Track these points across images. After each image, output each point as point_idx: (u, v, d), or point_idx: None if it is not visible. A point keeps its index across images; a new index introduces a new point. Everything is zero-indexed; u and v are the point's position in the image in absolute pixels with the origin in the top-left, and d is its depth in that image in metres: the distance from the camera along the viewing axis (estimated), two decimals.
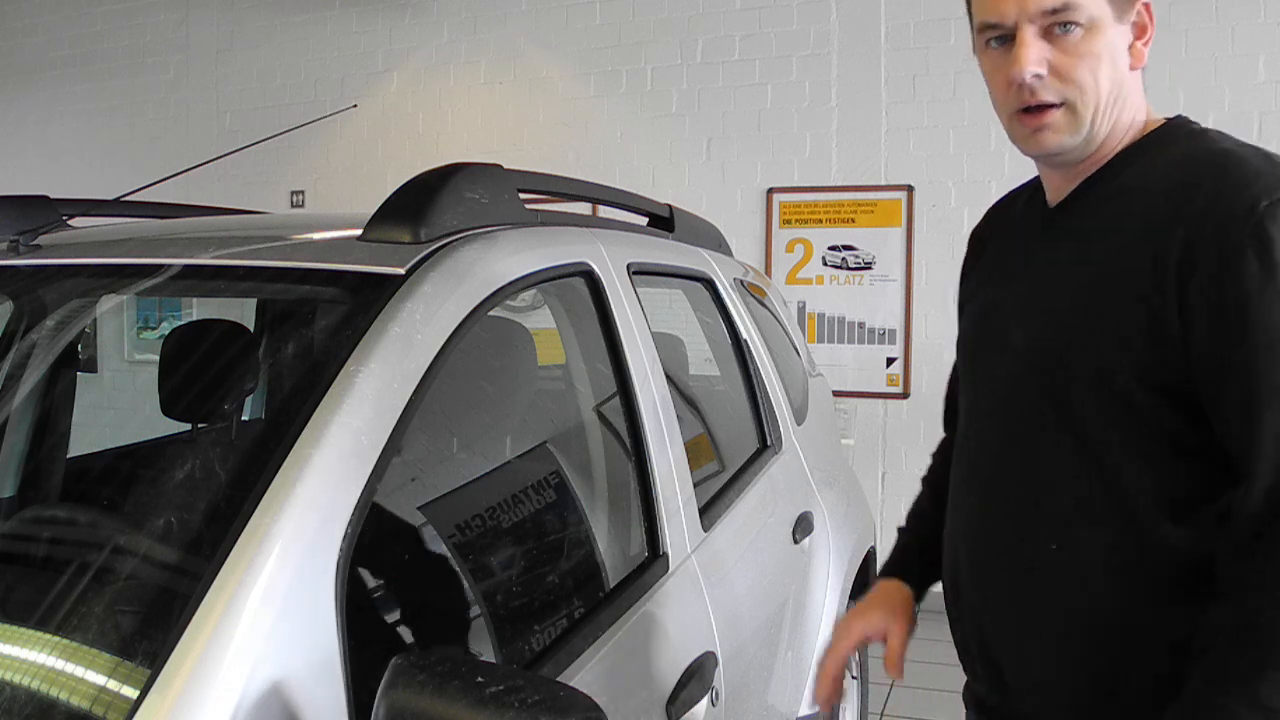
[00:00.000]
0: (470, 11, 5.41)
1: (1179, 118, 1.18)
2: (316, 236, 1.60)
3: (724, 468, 2.20)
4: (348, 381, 1.05)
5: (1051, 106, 1.11)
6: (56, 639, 0.98)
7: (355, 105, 5.40)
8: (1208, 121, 1.21)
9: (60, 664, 0.96)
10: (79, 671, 0.95)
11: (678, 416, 1.78)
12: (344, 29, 5.68)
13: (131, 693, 0.84)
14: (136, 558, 1.08)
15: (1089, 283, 1.11)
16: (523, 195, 1.60)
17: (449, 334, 1.19)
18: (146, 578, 1.04)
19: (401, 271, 1.22)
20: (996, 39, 1.13)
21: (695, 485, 1.78)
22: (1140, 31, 1.13)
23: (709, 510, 1.84)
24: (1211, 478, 1.06)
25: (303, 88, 5.74)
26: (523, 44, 5.33)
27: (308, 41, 5.75)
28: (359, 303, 1.18)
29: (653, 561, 1.55)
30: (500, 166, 1.55)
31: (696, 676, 1.48)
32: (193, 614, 0.86)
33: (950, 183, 4.63)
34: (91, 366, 5.72)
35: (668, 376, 1.80)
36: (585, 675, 1.23)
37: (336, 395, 1.03)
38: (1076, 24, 1.08)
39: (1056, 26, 1.08)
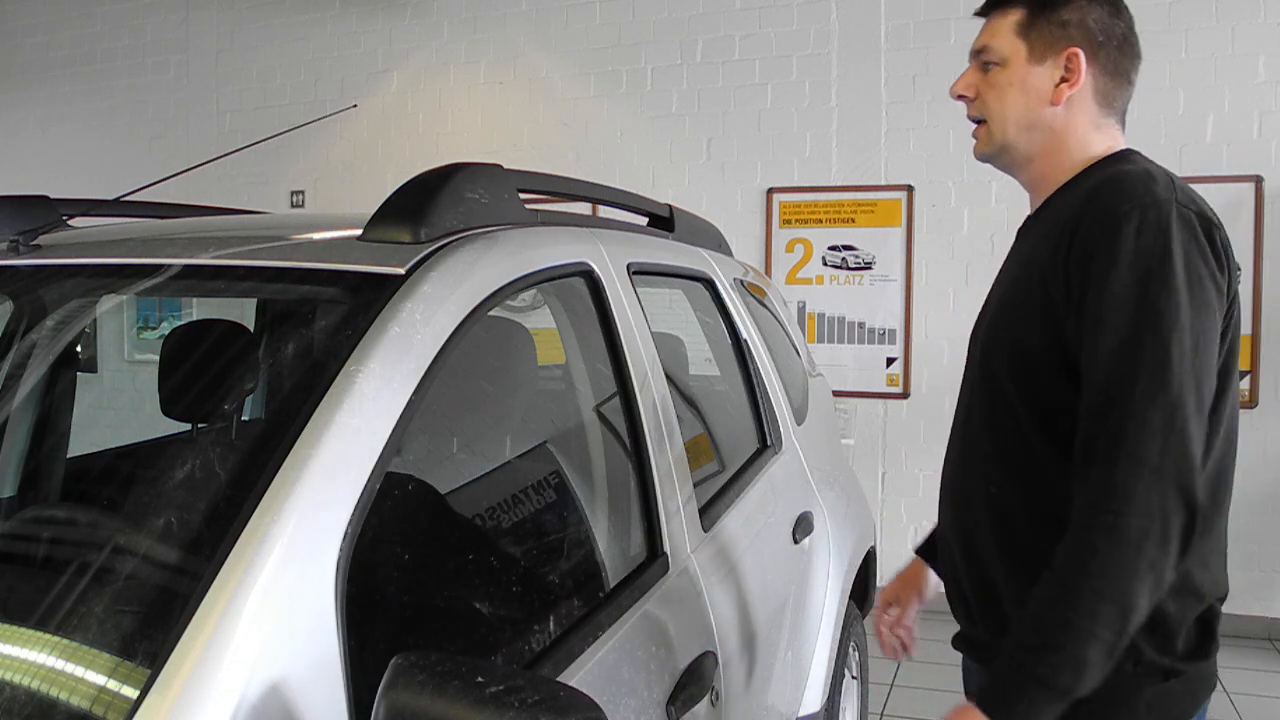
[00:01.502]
0: (470, 11, 5.41)
1: (1125, 150, 1.40)
2: (316, 236, 1.60)
3: (724, 468, 2.20)
4: (348, 381, 1.05)
5: (980, 122, 1.44)
6: (56, 639, 0.97)
7: (355, 105, 5.40)
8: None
9: (60, 664, 0.96)
10: (79, 671, 0.95)
11: (678, 416, 1.78)
12: (344, 29, 5.68)
13: (131, 693, 0.84)
14: (136, 558, 1.08)
15: (1019, 276, 1.38)
16: (523, 195, 1.60)
17: (449, 334, 1.19)
18: (146, 578, 1.04)
19: (401, 271, 1.22)
20: None
21: (695, 485, 1.78)
22: (1068, 75, 1.36)
23: (709, 510, 1.84)
24: None
25: (303, 88, 5.74)
26: (523, 44, 5.33)
27: (308, 41, 5.75)
28: (359, 303, 1.17)
29: (653, 561, 1.55)
30: (500, 166, 1.55)
31: (696, 676, 1.48)
32: (193, 614, 0.86)
33: (950, 183, 4.63)
34: (91, 366, 5.72)
35: (668, 376, 1.80)
36: (585, 675, 1.23)
37: (336, 395, 1.03)
38: (993, 62, 1.40)
39: (986, 64, 1.41)
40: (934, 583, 1.65)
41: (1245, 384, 4.27)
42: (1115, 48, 1.37)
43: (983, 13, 1.44)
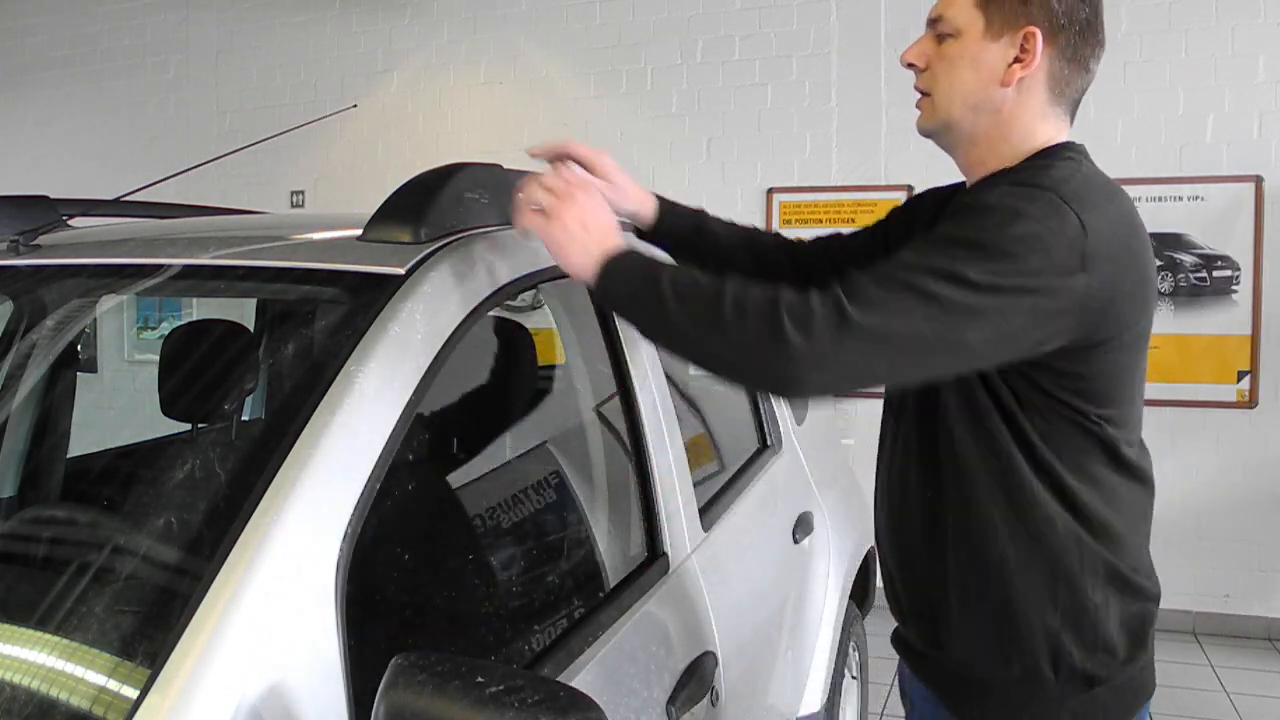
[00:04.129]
0: (470, 11, 5.41)
1: (1058, 145, 1.30)
2: (316, 236, 1.60)
3: (724, 468, 2.20)
4: (348, 381, 1.05)
5: (925, 94, 1.34)
6: (56, 639, 0.98)
7: (355, 105, 5.39)
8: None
9: (60, 664, 0.96)
10: (79, 671, 0.95)
11: (678, 416, 1.78)
12: (344, 29, 5.68)
13: (131, 693, 0.84)
14: (136, 558, 1.08)
15: None
16: None
17: (449, 334, 1.19)
18: (146, 578, 1.04)
19: (401, 271, 1.22)
20: None
21: (695, 485, 1.78)
22: (1022, 55, 1.27)
23: (709, 510, 1.84)
24: (1073, 437, 1.23)
25: (303, 88, 5.74)
26: (523, 44, 5.33)
27: (308, 41, 5.75)
28: (359, 303, 1.17)
29: (653, 561, 1.55)
30: (500, 166, 1.55)
31: (696, 676, 1.48)
32: (193, 614, 0.86)
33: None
34: (91, 366, 5.71)
35: (668, 376, 1.80)
36: (585, 675, 1.23)
37: (336, 395, 1.03)
38: (948, 33, 1.30)
39: (941, 35, 1.31)
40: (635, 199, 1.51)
41: (1245, 384, 4.27)
42: (1077, 32, 1.27)
43: None
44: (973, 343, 1.12)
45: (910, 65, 1.35)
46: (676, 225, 1.56)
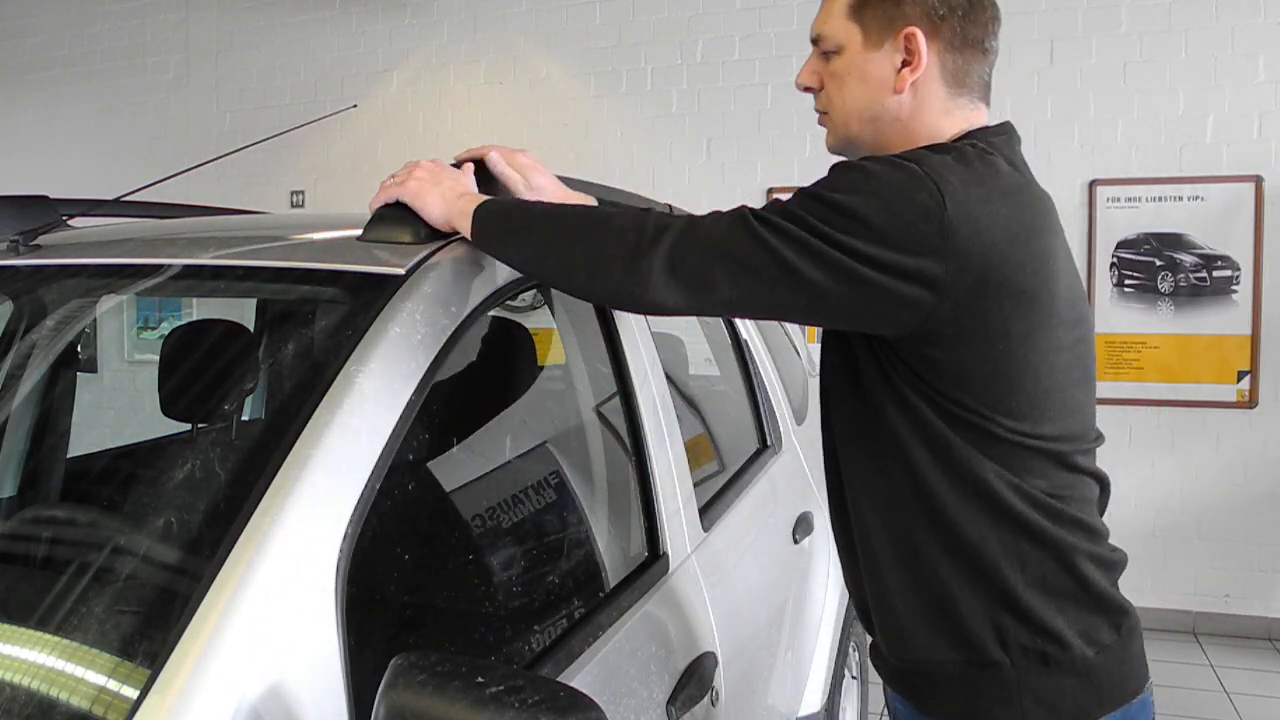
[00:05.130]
0: (470, 11, 5.41)
1: (963, 134, 1.24)
2: (316, 236, 1.60)
3: (724, 468, 2.20)
4: (348, 381, 1.05)
5: (824, 113, 1.34)
6: (56, 639, 0.98)
7: (355, 105, 5.39)
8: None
9: (60, 664, 0.96)
10: (79, 671, 0.95)
11: (678, 416, 1.78)
12: (344, 29, 5.68)
13: (131, 693, 0.84)
14: (136, 558, 1.08)
15: None
16: None
17: (449, 334, 1.19)
18: (146, 578, 1.04)
19: (401, 271, 1.22)
20: None
21: (695, 485, 1.78)
22: (908, 58, 1.22)
23: (709, 510, 1.84)
24: (950, 414, 1.17)
25: (303, 88, 5.74)
26: (523, 44, 5.33)
27: (308, 41, 5.75)
28: (359, 303, 1.17)
29: (653, 561, 1.55)
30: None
31: (696, 676, 1.48)
32: (193, 614, 0.86)
33: None
34: (91, 366, 5.72)
35: (668, 376, 1.80)
36: (585, 675, 1.23)
37: (336, 395, 1.03)
38: (831, 51, 1.27)
39: (825, 52, 1.29)
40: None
41: (1245, 384, 4.27)
42: (960, 18, 1.21)
43: None
44: (785, 295, 1.13)
45: (806, 88, 1.33)
46: None
